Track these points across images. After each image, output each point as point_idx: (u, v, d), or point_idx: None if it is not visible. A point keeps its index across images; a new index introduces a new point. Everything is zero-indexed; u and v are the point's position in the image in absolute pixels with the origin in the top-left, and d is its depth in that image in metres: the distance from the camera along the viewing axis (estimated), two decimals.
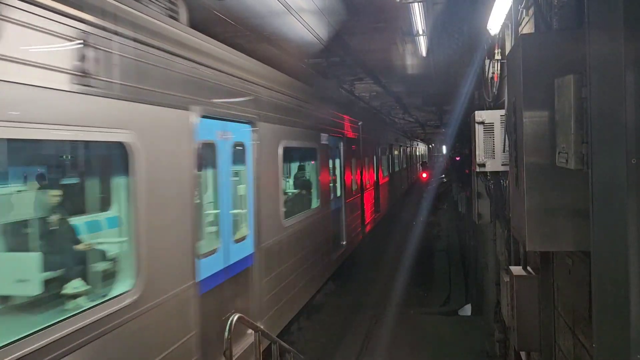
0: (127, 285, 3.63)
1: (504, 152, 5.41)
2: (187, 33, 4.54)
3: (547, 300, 4.33)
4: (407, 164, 28.69)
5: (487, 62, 7.00)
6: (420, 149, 43.66)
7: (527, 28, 4.80)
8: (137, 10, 3.77)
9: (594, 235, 2.52)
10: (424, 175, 37.88)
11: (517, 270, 4.69)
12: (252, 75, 5.86)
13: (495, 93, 6.59)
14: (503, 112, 5.50)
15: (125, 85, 3.55)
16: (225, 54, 5.32)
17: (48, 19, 2.94)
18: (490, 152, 5.89)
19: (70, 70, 3.07)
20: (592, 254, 2.56)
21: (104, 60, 3.35)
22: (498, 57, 6.21)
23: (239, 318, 4.45)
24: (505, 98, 4.82)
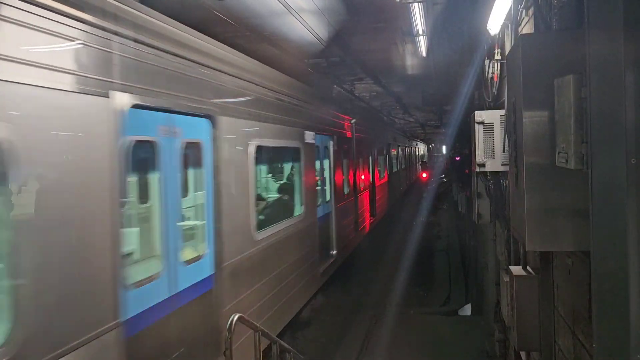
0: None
1: (504, 152, 5.40)
2: None
3: (547, 300, 4.33)
4: (406, 165, 28.35)
5: (486, 62, 6.99)
6: (420, 149, 43.64)
7: (526, 28, 4.81)
8: None
9: (594, 235, 2.52)
10: (424, 176, 37.88)
11: (517, 270, 4.69)
12: (212, 61, 4.88)
13: (495, 93, 6.59)
14: (503, 112, 5.50)
15: None
16: (172, 30, 4.25)
17: None
18: (490, 152, 5.89)
19: None
20: (592, 254, 2.56)
21: None
22: (498, 57, 6.21)
23: (239, 318, 4.45)
24: (505, 98, 4.82)
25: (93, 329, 3.14)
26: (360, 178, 13.06)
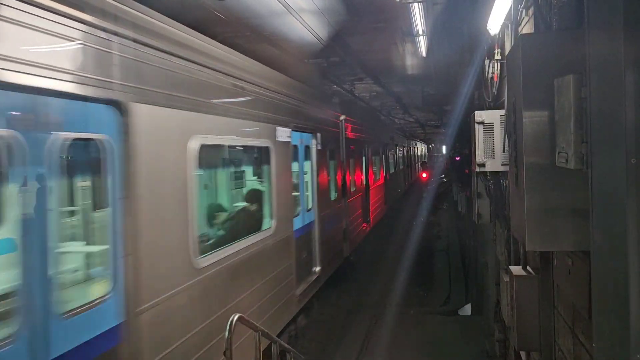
0: None
1: (504, 152, 5.41)
2: None
3: (547, 300, 4.33)
4: (405, 165, 27.89)
5: (486, 62, 7.00)
6: (420, 149, 43.60)
7: (526, 28, 4.81)
8: None
9: (594, 235, 2.52)
10: (424, 176, 37.91)
11: (517, 270, 4.69)
12: (122, 27, 3.61)
13: (495, 93, 6.59)
14: (503, 112, 5.50)
15: None
16: None
17: None
18: (490, 152, 5.90)
19: None
20: (592, 254, 2.56)
21: None
22: (498, 57, 6.21)
23: (239, 318, 4.45)
24: (505, 98, 4.82)
25: None
26: (351, 181, 12.05)
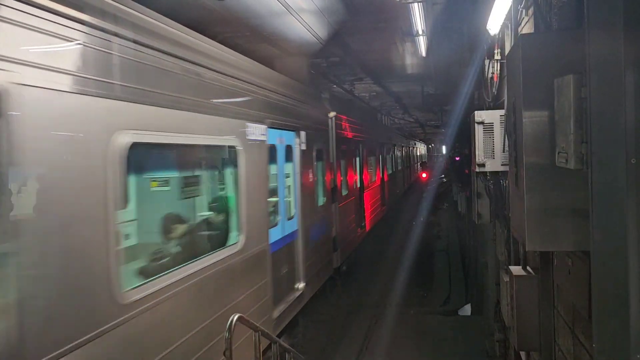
0: None
1: (504, 152, 5.41)
2: None
3: (547, 300, 4.33)
4: (404, 166, 27.40)
5: (486, 62, 7.00)
6: (420, 149, 43.56)
7: (526, 28, 4.81)
8: None
9: (594, 235, 2.52)
10: (424, 176, 37.95)
11: (517, 270, 4.69)
12: None
13: (495, 93, 6.59)
14: (503, 112, 5.50)
15: None
16: None
17: None
18: (490, 152, 5.90)
19: None
20: (592, 254, 2.56)
21: None
22: (498, 57, 6.21)
23: (239, 318, 4.45)
24: (505, 98, 4.82)
25: None
26: (343, 183, 11.06)
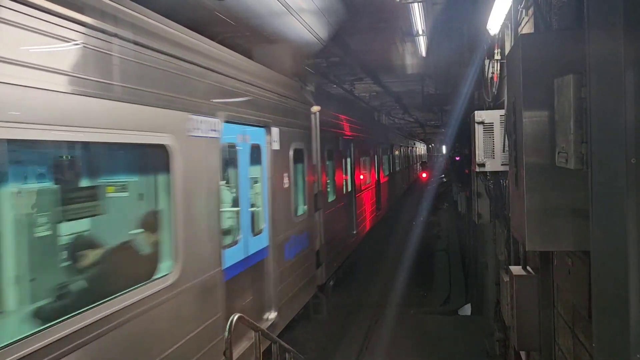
0: None
1: (504, 152, 5.41)
2: None
3: (547, 300, 4.33)
4: (402, 167, 26.88)
5: (486, 62, 7.00)
6: (420, 149, 43.50)
7: (526, 28, 4.81)
8: None
9: (594, 235, 2.52)
10: (424, 176, 37.95)
11: (517, 270, 4.69)
12: None
13: (495, 93, 6.59)
14: (503, 112, 5.50)
15: None
16: None
17: None
18: (490, 152, 5.90)
19: None
20: (591, 254, 2.56)
21: None
22: (498, 57, 6.21)
23: (239, 318, 4.45)
24: (505, 98, 4.82)
25: None
26: (330, 187, 10.00)
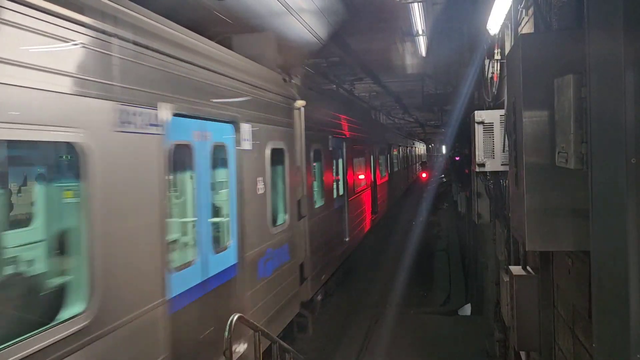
0: None
1: (504, 152, 5.41)
2: None
3: (546, 300, 4.33)
4: (402, 167, 26.44)
5: (486, 62, 7.00)
6: (420, 149, 43.46)
7: (526, 28, 4.81)
8: None
9: (594, 235, 2.52)
10: (424, 176, 37.97)
11: (516, 270, 4.69)
12: None
13: (495, 93, 6.59)
14: (503, 112, 5.50)
15: None
16: None
17: None
18: (490, 152, 5.90)
19: None
20: (591, 254, 2.55)
21: None
22: (498, 57, 6.21)
23: (239, 318, 4.45)
24: (505, 98, 4.82)
25: None
26: (317, 192, 9.07)
